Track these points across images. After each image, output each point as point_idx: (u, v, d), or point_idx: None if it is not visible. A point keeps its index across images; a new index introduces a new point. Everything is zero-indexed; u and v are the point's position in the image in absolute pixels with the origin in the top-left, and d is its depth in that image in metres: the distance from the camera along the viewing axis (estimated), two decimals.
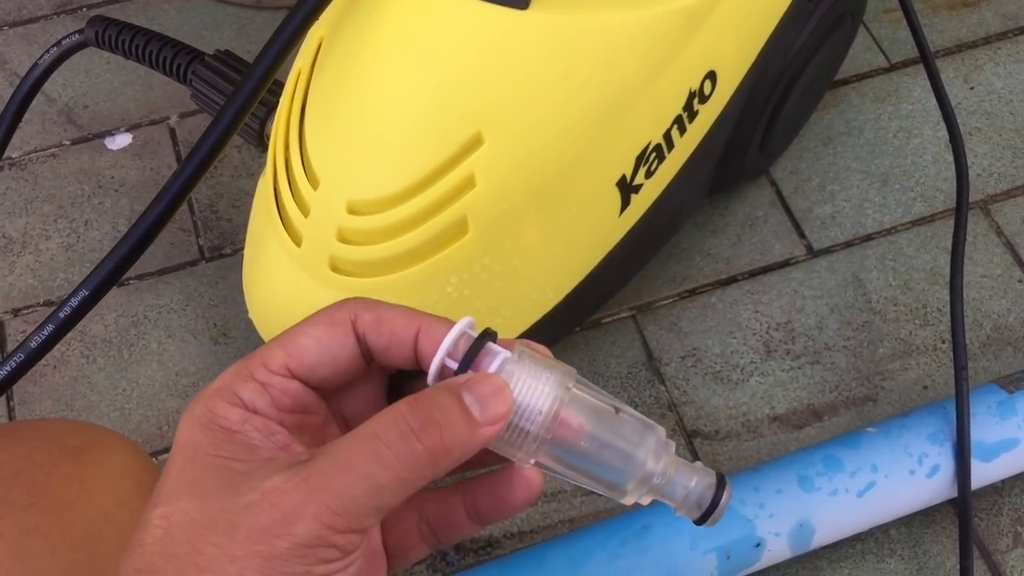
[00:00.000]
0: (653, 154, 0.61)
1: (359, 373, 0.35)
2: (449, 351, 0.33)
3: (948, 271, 0.71)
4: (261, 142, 0.66)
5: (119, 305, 0.79)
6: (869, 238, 0.81)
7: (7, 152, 0.79)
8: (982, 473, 0.65)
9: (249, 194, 0.67)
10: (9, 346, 0.77)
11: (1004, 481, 0.69)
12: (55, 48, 0.73)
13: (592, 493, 0.64)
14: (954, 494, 0.65)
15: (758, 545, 0.62)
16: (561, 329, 0.70)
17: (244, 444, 0.32)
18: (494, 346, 0.33)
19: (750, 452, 0.71)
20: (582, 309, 0.70)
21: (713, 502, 0.34)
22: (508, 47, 0.55)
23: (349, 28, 0.58)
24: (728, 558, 0.61)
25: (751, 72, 0.66)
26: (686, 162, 0.65)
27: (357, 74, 0.57)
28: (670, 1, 0.57)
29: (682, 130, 0.62)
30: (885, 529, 0.68)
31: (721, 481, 0.34)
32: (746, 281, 0.79)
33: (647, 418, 0.35)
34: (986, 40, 0.91)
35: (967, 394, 0.65)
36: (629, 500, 0.34)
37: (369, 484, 0.30)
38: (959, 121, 0.76)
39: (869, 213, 0.82)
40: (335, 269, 0.57)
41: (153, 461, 0.51)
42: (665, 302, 0.78)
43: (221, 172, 0.85)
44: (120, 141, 0.88)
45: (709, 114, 0.64)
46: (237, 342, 0.77)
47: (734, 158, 0.73)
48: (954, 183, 0.75)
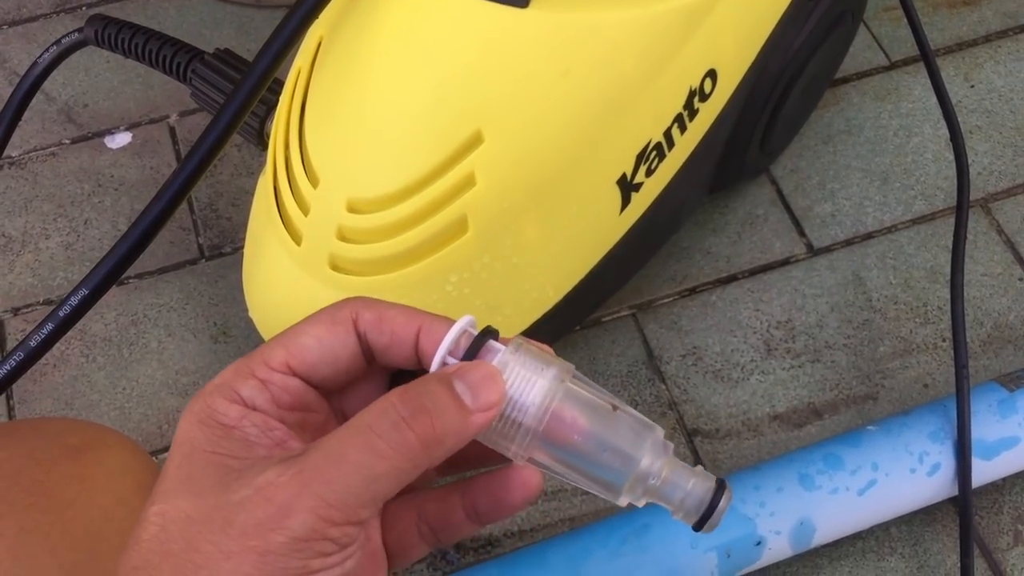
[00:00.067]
0: (653, 152, 0.61)
1: (360, 372, 0.35)
2: (450, 349, 0.33)
3: (949, 269, 0.71)
4: (261, 141, 0.66)
5: (119, 304, 0.79)
6: (869, 236, 0.81)
7: (7, 151, 0.79)
8: (983, 471, 0.65)
9: (249, 193, 0.66)
10: (9, 345, 0.77)
11: (1005, 479, 0.69)
12: (55, 47, 0.73)
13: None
14: (955, 492, 0.65)
15: (759, 543, 0.62)
16: (561, 328, 0.70)
17: (241, 440, 0.32)
18: (495, 344, 0.33)
19: (750, 451, 0.71)
20: (582, 307, 0.70)
21: (710, 507, 0.33)
22: (508, 45, 0.55)
23: (349, 26, 0.58)
24: (729, 556, 0.61)
25: (751, 70, 0.66)
26: (686, 160, 0.65)
27: (357, 72, 0.57)
28: None
29: (682, 128, 0.62)
30: (886, 527, 0.68)
31: (721, 486, 0.33)
32: (746, 279, 0.79)
33: (646, 418, 0.34)
34: (986, 38, 0.91)
35: (968, 392, 0.65)
36: (624, 501, 0.34)
37: (363, 474, 0.30)
38: (959, 119, 0.76)
39: (869, 211, 0.82)
40: (335, 268, 0.57)
41: (153, 460, 0.51)
42: (665, 300, 0.78)
43: (221, 171, 0.85)
44: (120, 140, 0.88)
45: (709, 112, 0.64)
46: (237, 341, 0.77)
47: (734, 156, 0.73)
48: (954, 181, 0.75)
